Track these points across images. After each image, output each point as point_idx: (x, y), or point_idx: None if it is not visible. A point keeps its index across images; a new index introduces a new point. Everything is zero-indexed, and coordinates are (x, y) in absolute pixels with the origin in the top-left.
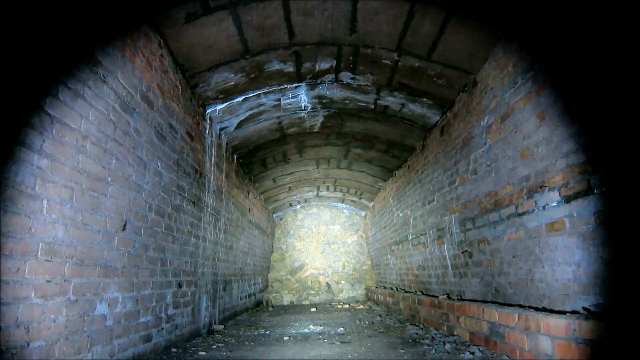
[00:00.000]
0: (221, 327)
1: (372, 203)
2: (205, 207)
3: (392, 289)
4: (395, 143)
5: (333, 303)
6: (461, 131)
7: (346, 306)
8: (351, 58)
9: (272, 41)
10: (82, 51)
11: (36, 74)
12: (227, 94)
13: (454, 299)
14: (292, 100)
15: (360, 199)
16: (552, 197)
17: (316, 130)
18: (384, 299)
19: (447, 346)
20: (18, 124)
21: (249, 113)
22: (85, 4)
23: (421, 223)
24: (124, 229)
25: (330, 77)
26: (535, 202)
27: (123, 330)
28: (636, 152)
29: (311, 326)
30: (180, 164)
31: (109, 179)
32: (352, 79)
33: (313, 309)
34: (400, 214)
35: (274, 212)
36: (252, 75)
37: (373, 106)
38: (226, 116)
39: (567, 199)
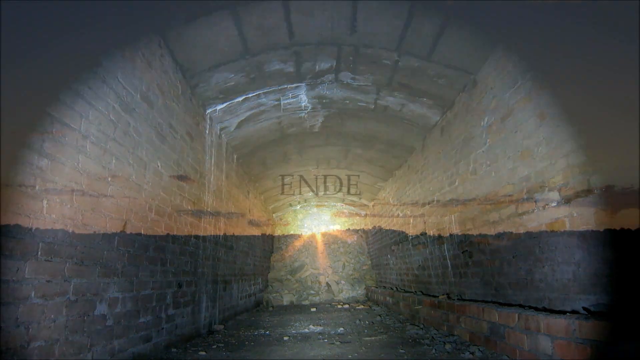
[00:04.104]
0: (221, 327)
1: (372, 203)
2: (205, 207)
3: (392, 289)
4: (395, 143)
5: (333, 303)
6: (461, 131)
7: (346, 306)
8: (351, 58)
9: (272, 41)
10: (83, 52)
11: (36, 75)
12: (227, 94)
13: (454, 299)
14: (292, 100)
15: (360, 199)
16: (552, 197)
17: (316, 130)
18: (384, 299)
19: (447, 346)
20: (18, 124)
21: (249, 113)
22: (86, 6)
23: (421, 223)
24: (124, 229)
25: (330, 77)
26: (535, 202)
27: (123, 330)
28: (636, 152)
29: (311, 326)
30: (180, 164)
31: (109, 179)
32: (352, 79)
33: (313, 309)
34: (400, 214)
35: (274, 212)
36: (252, 75)
37: (373, 106)
38: (226, 116)
39: (567, 199)
